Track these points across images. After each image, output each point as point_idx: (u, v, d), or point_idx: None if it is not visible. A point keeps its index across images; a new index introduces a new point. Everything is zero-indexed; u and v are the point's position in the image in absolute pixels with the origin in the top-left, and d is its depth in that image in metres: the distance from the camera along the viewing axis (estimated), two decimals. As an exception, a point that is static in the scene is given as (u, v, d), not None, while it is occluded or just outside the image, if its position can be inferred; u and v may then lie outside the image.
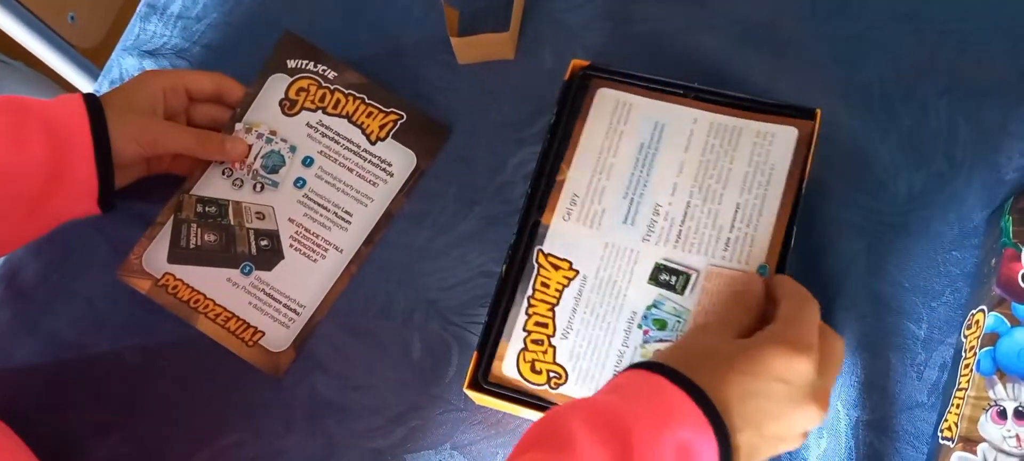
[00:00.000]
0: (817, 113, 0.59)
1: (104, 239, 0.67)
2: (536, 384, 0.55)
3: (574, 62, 0.64)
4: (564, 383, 0.55)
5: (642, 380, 0.46)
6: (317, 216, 0.65)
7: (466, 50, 0.69)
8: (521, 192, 0.64)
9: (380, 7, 0.74)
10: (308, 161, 0.67)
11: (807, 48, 0.67)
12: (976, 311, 0.55)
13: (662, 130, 0.61)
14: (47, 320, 0.66)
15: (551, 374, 0.55)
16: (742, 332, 0.49)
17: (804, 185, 0.57)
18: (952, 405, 0.53)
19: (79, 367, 0.64)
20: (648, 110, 0.62)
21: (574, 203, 0.59)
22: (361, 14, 0.73)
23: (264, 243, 0.65)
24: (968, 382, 0.52)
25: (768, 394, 0.45)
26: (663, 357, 0.48)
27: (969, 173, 0.61)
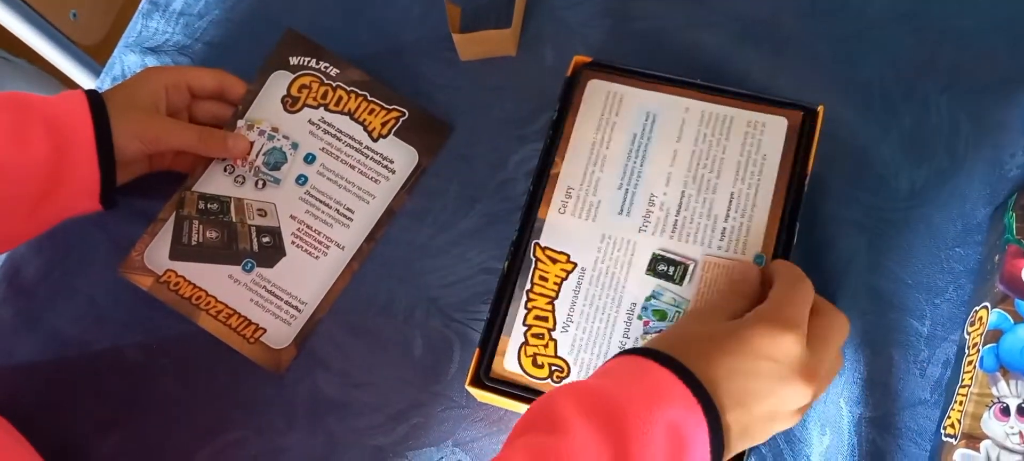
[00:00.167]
0: (819, 110, 0.59)
1: (106, 236, 0.67)
2: (538, 378, 0.55)
3: (576, 58, 0.64)
4: (566, 376, 0.55)
5: (631, 364, 0.47)
6: (319, 213, 0.65)
7: (468, 47, 0.69)
8: (522, 189, 0.64)
9: (381, 5, 0.74)
10: (310, 158, 0.67)
11: (807, 45, 0.67)
12: (979, 308, 0.55)
13: (654, 120, 0.61)
14: (49, 317, 0.66)
15: (553, 368, 0.55)
16: (735, 317, 0.49)
17: (807, 182, 0.57)
18: (955, 402, 0.53)
19: (81, 364, 0.64)
20: (639, 100, 0.62)
21: (569, 196, 0.59)
22: (362, 11, 0.73)
23: (266, 240, 0.65)
24: (971, 379, 0.52)
25: (754, 372, 0.45)
26: (653, 343, 0.48)
27: (971, 169, 0.61)
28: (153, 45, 0.75)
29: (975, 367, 0.52)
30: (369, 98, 0.68)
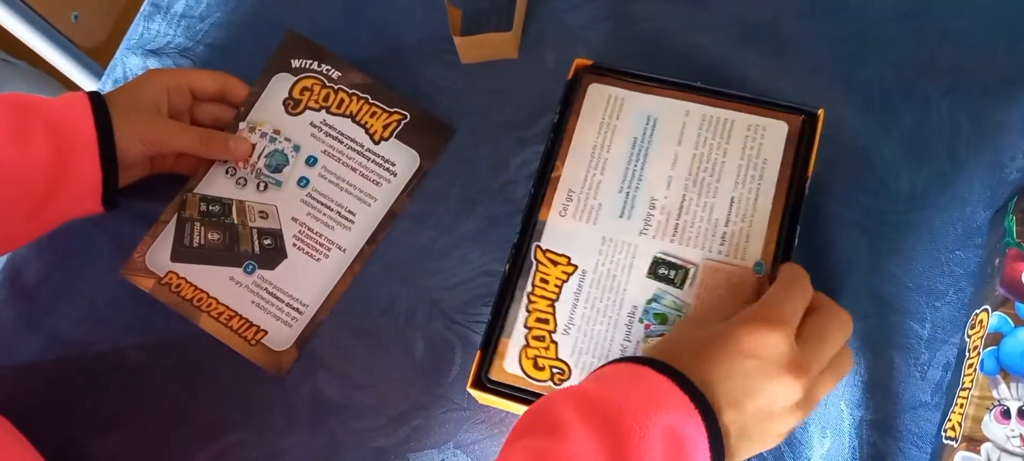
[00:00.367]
0: (820, 113, 0.59)
1: (107, 238, 0.67)
2: (539, 381, 0.55)
3: (577, 61, 0.64)
4: (567, 379, 0.55)
5: (626, 370, 0.47)
6: (320, 215, 0.66)
7: (469, 50, 0.69)
8: (523, 192, 0.64)
9: (382, 7, 0.74)
10: (311, 160, 0.67)
11: (808, 47, 0.67)
12: (980, 311, 0.55)
13: (655, 123, 0.61)
14: (50, 319, 0.66)
15: (554, 370, 0.55)
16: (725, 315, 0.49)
17: (808, 185, 0.57)
18: (956, 405, 0.53)
19: (82, 366, 0.64)
20: (640, 104, 0.62)
21: (570, 198, 0.59)
22: (363, 14, 0.74)
23: (267, 242, 0.65)
24: (972, 382, 0.52)
25: (743, 371, 0.45)
26: (647, 352, 0.49)
27: (972, 172, 0.61)
28: (154, 47, 0.75)
29: (976, 370, 0.52)
30: (370, 101, 0.68)
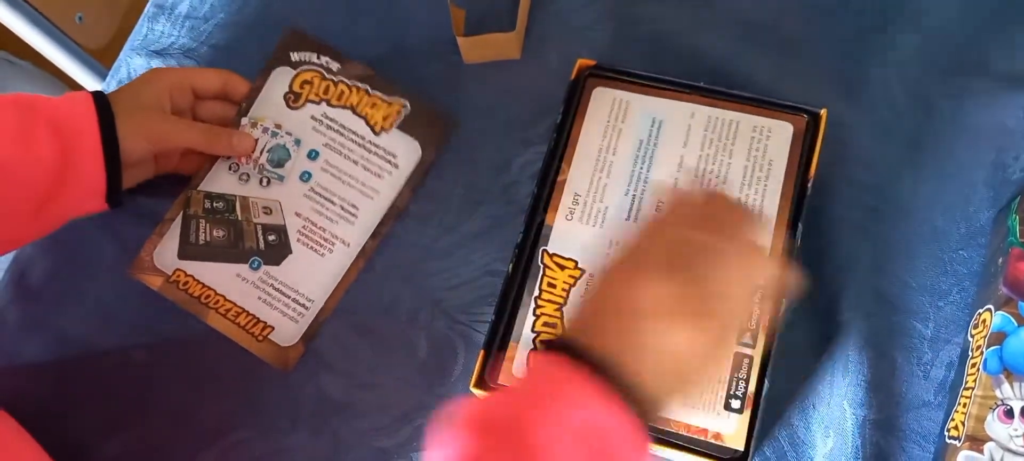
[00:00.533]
0: (823, 113, 0.59)
1: (112, 237, 0.67)
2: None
3: (580, 62, 0.64)
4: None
5: (546, 368, 0.43)
6: (324, 210, 0.66)
7: (472, 50, 0.70)
8: (527, 192, 0.64)
9: (386, 7, 0.74)
10: (313, 154, 0.67)
11: (812, 48, 0.67)
12: (983, 310, 0.55)
13: (660, 126, 0.61)
14: (55, 318, 0.66)
15: None
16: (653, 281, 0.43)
17: (810, 185, 0.58)
18: (959, 404, 0.53)
19: (87, 365, 0.65)
20: (645, 106, 0.62)
21: (576, 202, 0.60)
22: (367, 14, 0.74)
23: (272, 238, 0.65)
24: (975, 381, 0.52)
25: (633, 329, 0.41)
26: (572, 326, 0.45)
27: (975, 172, 0.61)
28: (158, 48, 0.75)
29: (979, 369, 0.52)
30: (371, 91, 0.68)
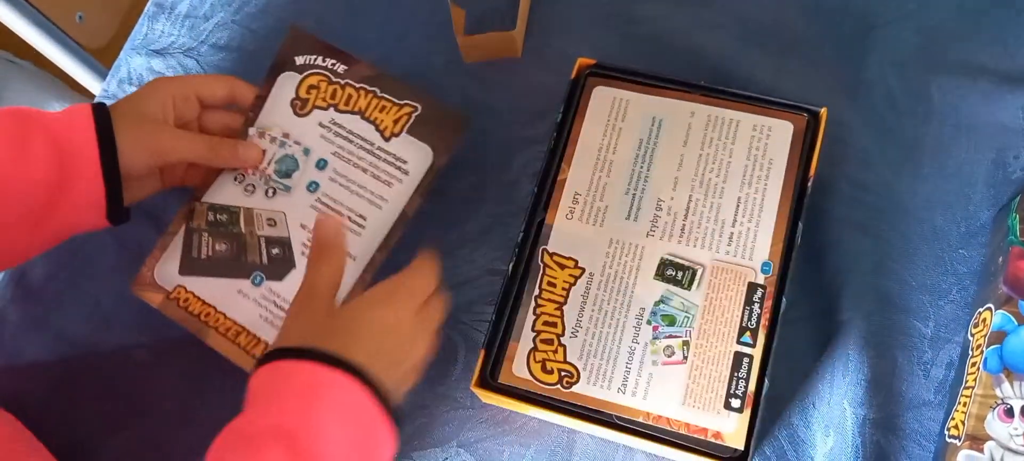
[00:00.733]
0: (823, 112, 0.59)
1: (112, 238, 0.67)
2: (548, 384, 0.55)
3: (580, 61, 0.64)
4: (576, 382, 0.55)
5: (277, 374, 0.50)
6: None
7: (472, 49, 0.70)
8: (527, 191, 0.64)
9: (386, 7, 0.74)
10: (322, 163, 0.63)
11: (811, 47, 0.67)
12: (983, 309, 0.55)
13: (660, 125, 0.61)
14: (56, 318, 0.66)
15: (562, 373, 0.55)
16: (336, 284, 0.55)
17: (810, 184, 0.58)
18: (959, 403, 0.53)
19: (87, 365, 0.65)
20: (645, 106, 0.62)
21: (576, 201, 0.60)
22: (367, 14, 0.74)
23: (275, 251, 0.62)
24: (975, 380, 0.52)
25: (384, 341, 0.52)
26: (282, 340, 0.54)
27: (975, 171, 0.62)
28: (159, 48, 0.75)
29: (979, 368, 0.52)
30: (379, 94, 0.64)
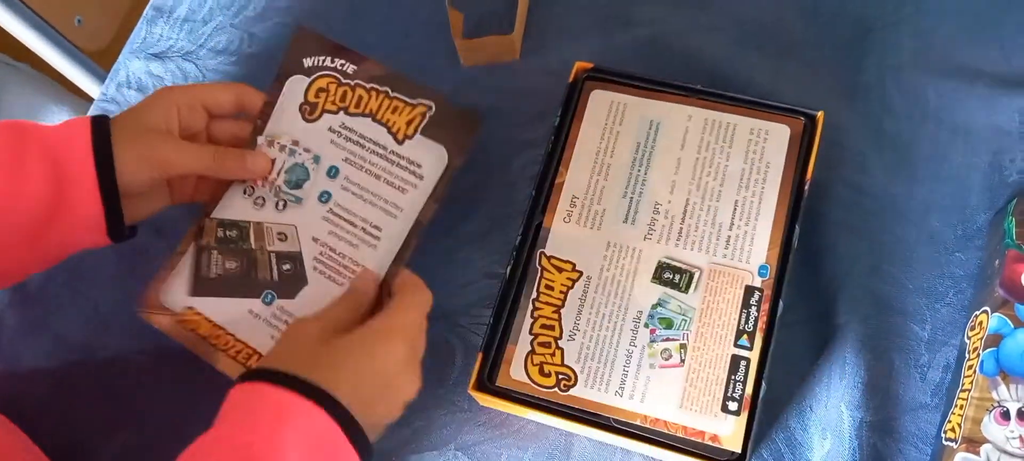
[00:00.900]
0: (819, 116, 0.59)
1: (111, 241, 0.67)
2: (545, 387, 0.55)
3: (578, 64, 0.64)
4: (574, 385, 0.55)
5: (240, 395, 0.49)
6: (343, 233, 0.59)
7: (470, 52, 0.70)
8: (525, 194, 0.64)
9: (386, 10, 0.74)
10: (333, 172, 0.60)
11: (809, 50, 0.67)
12: (979, 312, 0.55)
13: (657, 128, 0.61)
14: (54, 321, 0.66)
15: (560, 376, 0.55)
16: (344, 328, 0.52)
17: (807, 187, 0.58)
18: (955, 406, 0.53)
19: (85, 369, 0.65)
20: (642, 109, 0.62)
21: (574, 205, 0.60)
22: (367, 17, 0.74)
23: (286, 267, 0.58)
24: (971, 383, 0.52)
25: (376, 383, 0.51)
26: (268, 361, 0.52)
27: (971, 175, 0.62)
28: (158, 51, 0.75)
29: (975, 371, 0.52)
30: (391, 94, 0.61)
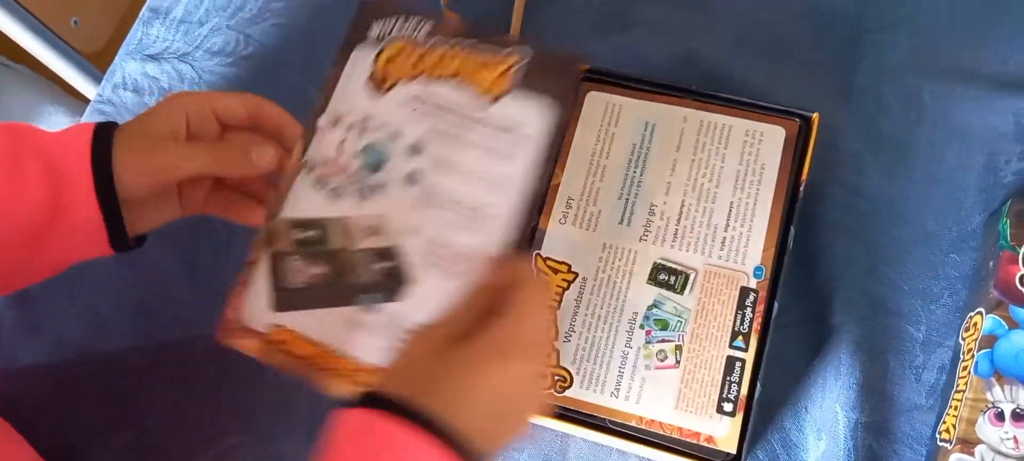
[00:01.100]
0: (815, 117, 0.59)
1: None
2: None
3: (574, 66, 0.64)
4: (569, 386, 0.55)
5: (357, 427, 0.41)
6: (444, 218, 0.50)
7: (467, 54, 0.70)
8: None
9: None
10: (416, 149, 0.52)
11: (804, 52, 0.67)
12: (974, 313, 0.55)
13: (653, 130, 0.61)
14: (51, 322, 0.66)
15: (556, 378, 0.55)
16: (470, 332, 0.43)
17: (802, 189, 0.58)
18: (950, 407, 0.53)
19: (81, 370, 0.65)
20: (638, 111, 0.62)
21: (569, 206, 0.60)
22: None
23: (384, 265, 0.50)
24: (966, 384, 0.52)
25: (495, 408, 0.42)
26: (387, 381, 0.43)
27: (967, 176, 0.62)
28: (154, 52, 0.75)
29: (970, 372, 0.52)
30: (474, 49, 0.53)
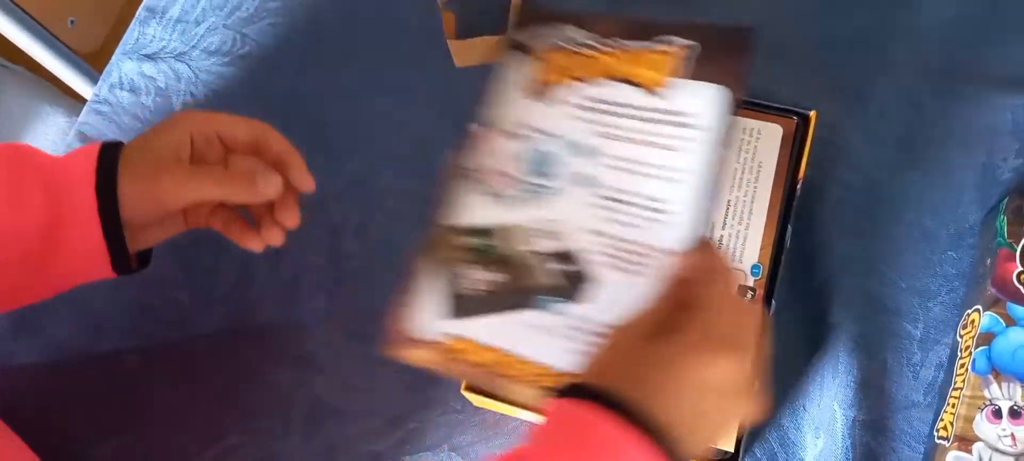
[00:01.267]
0: (812, 115, 0.59)
1: (104, 243, 0.67)
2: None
3: (570, 65, 0.64)
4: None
5: (569, 414, 0.41)
6: (622, 217, 0.50)
7: (463, 53, 0.70)
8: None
9: (377, 11, 0.74)
10: (585, 151, 0.52)
11: (801, 50, 0.67)
12: (971, 311, 0.55)
13: None
14: (48, 323, 0.66)
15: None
16: (662, 325, 0.42)
17: (799, 187, 0.58)
18: (948, 404, 0.53)
19: (79, 371, 0.65)
20: None
21: None
22: (358, 18, 0.74)
23: (564, 267, 0.50)
24: (963, 381, 0.52)
25: (702, 406, 0.41)
26: (590, 367, 0.43)
27: (964, 173, 0.62)
28: (150, 52, 0.75)
29: (967, 370, 0.52)
30: (637, 43, 0.52)
